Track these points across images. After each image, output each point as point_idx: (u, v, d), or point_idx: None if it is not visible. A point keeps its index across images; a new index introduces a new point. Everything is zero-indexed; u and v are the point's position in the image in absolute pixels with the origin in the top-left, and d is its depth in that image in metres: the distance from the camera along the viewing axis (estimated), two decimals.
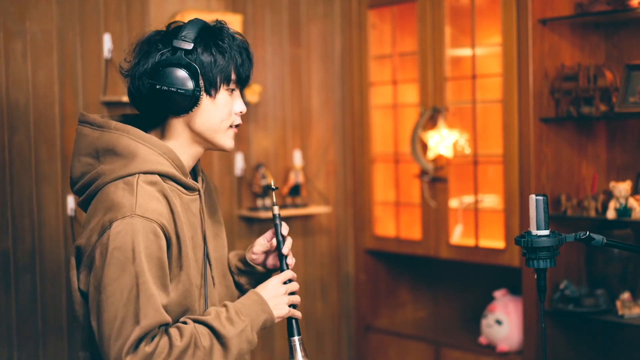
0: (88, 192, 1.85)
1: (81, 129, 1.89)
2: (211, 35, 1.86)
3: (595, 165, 3.42)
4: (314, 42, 3.92)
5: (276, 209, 2.01)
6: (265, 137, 3.73)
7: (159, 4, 3.32)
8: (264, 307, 1.89)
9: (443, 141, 3.59)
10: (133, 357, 1.68)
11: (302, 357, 1.97)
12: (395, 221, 3.94)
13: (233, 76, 1.88)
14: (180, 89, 1.82)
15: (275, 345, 3.79)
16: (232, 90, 1.90)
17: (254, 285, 2.03)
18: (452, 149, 3.59)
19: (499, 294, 3.61)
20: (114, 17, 3.15)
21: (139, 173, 1.80)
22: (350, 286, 4.08)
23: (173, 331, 1.74)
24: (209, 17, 3.36)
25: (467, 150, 3.58)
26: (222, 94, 1.88)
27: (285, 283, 1.95)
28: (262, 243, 2.07)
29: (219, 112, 1.88)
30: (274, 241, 2.04)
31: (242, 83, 1.92)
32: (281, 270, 2.00)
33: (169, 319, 1.74)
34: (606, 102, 3.16)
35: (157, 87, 1.82)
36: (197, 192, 1.91)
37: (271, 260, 2.09)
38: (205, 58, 1.84)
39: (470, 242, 3.59)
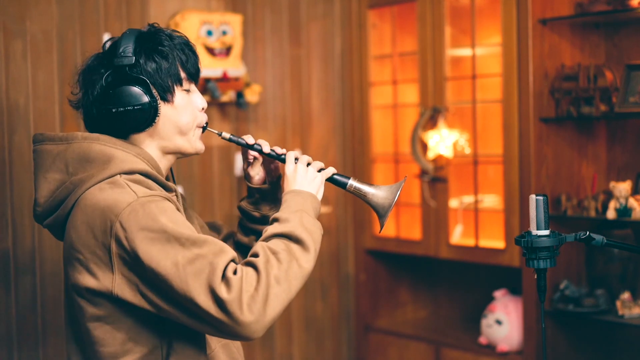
0: (63, 206, 1.77)
1: (41, 146, 1.82)
2: (149, 42, 1.82)
3: (595, 165, 3.42)
4: (314, 42, 3.92)
5: (226, 134, 1.97)
6: (265, 137, 3.73)
7: (159, 4, 3.32)
8: (302, 194, 1.86)
9: (443, 141, 3.59)
10: (228, 289, 1.60)
11: (370, 188, 1.95)
12: (395, 221, 3.94)
13: (183, 75, 1.85)
14: (137, 105, 1.78)
15: (276, 345, 3.79)
16: (187, 90, 1.87)
17: (276, 204, 2.04)
18: (452, 149, 3.59)
19: (499, 294, 3.61)
20: (114, 17, 3.15)
21: (120, 173, 1.75)
22: (350, 286, 4.08)
23: (248, 258, 1.69)
24: (209, 17, 3.38)
25: (467, 150, 3.58)
26: (179, 96, 1.85)
27: (296, 163, 1.93)
28: (246, 165, 2.05)
29: (183, 115, 1.85)
30: (252, 153, 2.01)
31: (194, 78, 1.89)
32: (282, 160, 1.97)
33: (234, 252, 1.69)
34: (606, 102, 3.16)
35: (114, 110, 1.78)
36: (174, 193, 1.86)
37: (269, 173, 2.07)
38: (150, 67, 1.80)
39: (470, 242, 3.59)
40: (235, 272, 1.64)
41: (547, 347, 3.25)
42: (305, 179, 1.90)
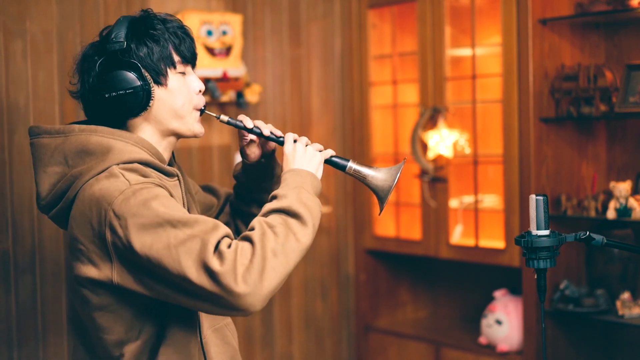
0: (65, 199, 1.78)
1: (38, 140, 1.83)
2: (141, 26, 1.83)
3: (595, 165, 3.42)
4: (314, 42, 3.92)
5: (224, 117, 1.97)
6: None
7: (159, 4, 3.32)
8: (300, 172, 1.86)
9: (443, 141, 3.59)
10: (221, 261, 1.61)
11: (369, 171, 1.96)
12: (395, 221, 3.94)
13: (176, 58, 1.85)
14: (129, 90, 1.79)
15: (275, 345, 3.79)
16: (182, 73, 1.87)
17: (269, 174, 2.07)
18: (452, 149, 3.59)
19: (499, 294, 3.61)
20: (114, 18, 3.15)
21: (118, 164, 1.76)
22: (350, 286, 4.08)
23: (244, 233, 1.70)
24: (209, 17, 3.38)
25: (467, 150, 3.58)
26: (173, 78, 1.85)
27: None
28: (243, 143, 2.05)
29: (178, 97, 1.85)
30: (250, 135, 2.01)
31: (190, 61, 1.89)
32: (281, 143, 1.97)
33: (227, 229, 1.69)
34: (606, 102, 3.16)
35: (107, 96, 1.80)
36: (176, 178, 1.87)
37: (264, 150, 2.07)
38: (142, 51, 1.81)
39: (470, 242, 3.59)
40: (229, 246, 1.65)
41: (547, 347, 3.25)
42: (304, 157, 1.90)
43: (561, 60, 3.31)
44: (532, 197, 1.82)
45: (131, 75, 1.80)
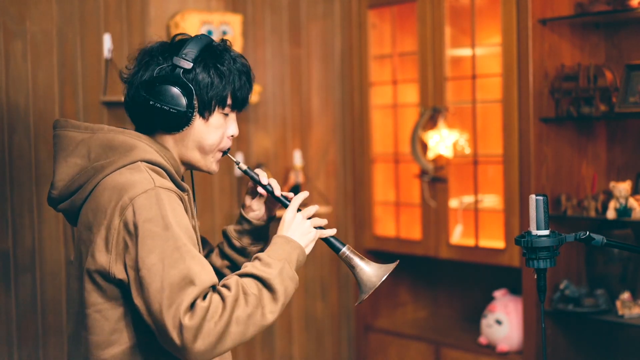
0: (81, 190, 1.80)
1: (65, 132, 1.85)
2: (212, 56, 1.84)
3: (595, 165, 3.42)
4: (314, 42, 3.92)
5: (243, 165, 2.00)
6: (265, 137, 3.73)
7: (159, 4, 3.32)
8: (292, 243, 1.87)
9: (443, 141, 3.59)
10: (191, 315, 1.64)
11: (360, 262, 1.97)
12: (395, 221, 3.94)
13: (229, 100, 1.87)
14: (173, 108, 1.81)
15: (276, 345, 3.79)
16: (227, 114, 1.89)
17: (258, 242, 2.07)
18: (452, 149, 3.59)
19: (499, 294, 3.61)
20: (114, 17, 3.15)
21: (141, 161, 1.79)
22: (350, 286, 4.07)
23: (220, 288, 1.72)
24: (209, 17, 3.38)
25: (467, 150, 3.58)
26: (216, 116, 1.87)
27: (298, 211, 1.94)
28: (250, 197, 2.06)
29: (211, 135, 1.87)
30: (259, 189, 2.02)
31: (239, 107, 1.91)
32: (285, 206, 1.97)
33: (216, 279, 1.72)
34: (606, 102, 3.16)
35: (151, 102, 1.81)
36: (187, 193, 1.89)
37: (268, 210, 2.08)
38: (203, 79, 1.82)
39: (470, 242, 3.59)
40: (204, 298, 1.67)
41: (547, 347, 3.25)
42: (298, 229, 1.91)
43: (561, 60, 3.31)
44: (532, 197, 1.82)
45: (181, 97, 1.81)
